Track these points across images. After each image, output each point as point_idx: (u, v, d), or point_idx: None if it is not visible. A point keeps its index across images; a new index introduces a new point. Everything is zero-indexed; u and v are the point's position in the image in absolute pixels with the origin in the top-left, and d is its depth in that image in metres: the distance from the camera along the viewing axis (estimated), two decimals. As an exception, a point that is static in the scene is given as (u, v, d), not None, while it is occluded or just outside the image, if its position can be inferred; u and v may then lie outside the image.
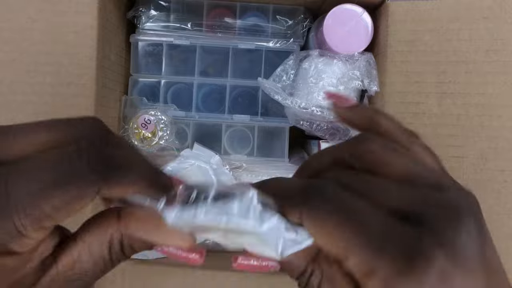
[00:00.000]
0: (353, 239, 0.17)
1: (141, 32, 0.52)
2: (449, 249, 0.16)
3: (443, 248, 0.16)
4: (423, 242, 0.16)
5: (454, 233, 0.17)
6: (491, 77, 0.43)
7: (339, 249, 0.18)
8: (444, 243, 0.16)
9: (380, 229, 0.17)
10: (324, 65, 0.47)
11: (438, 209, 0.17)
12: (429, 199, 0.18)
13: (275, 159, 0.53)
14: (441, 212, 0.17)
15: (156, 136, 0.49)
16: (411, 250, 0.16)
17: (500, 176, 0.42)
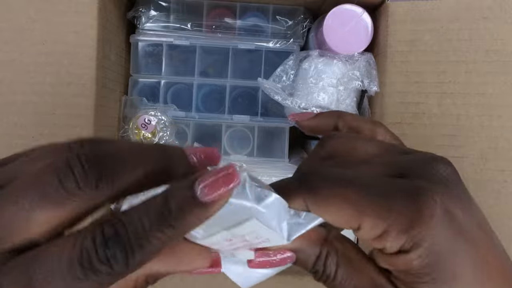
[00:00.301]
0: (361, 205, 0.18)
1: (141, 32, 0.52)
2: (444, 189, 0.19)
3: (439, 190, 0.18)
4: (422, 191, 0.18)
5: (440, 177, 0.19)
6: (491, 77, 0.43)
7: (350, 219, 0.19)
8: (438, 186, 0.19)
9: (382, 189, 0.19)
10: (324, 66, 0.47)
11: (417, 163, 0.20)
12: (406, 160, 0.21)
13: (275, 159, 0.53)
14: (420, 165, 0.20)
15: (156, 137, 0.49)
16: (415, 200, 0.18)
17: (500, 176, 0.42)
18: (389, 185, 0.19)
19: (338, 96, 0.46)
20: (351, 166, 0.21)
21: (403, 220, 0.18)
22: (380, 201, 0.18)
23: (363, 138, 0.23)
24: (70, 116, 0.43)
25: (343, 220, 0.19)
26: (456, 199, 0.19)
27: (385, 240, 0.18)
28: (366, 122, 0.27)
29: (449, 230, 0.18)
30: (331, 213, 0.19)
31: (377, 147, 0.22)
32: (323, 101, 0.47)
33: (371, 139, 0.24)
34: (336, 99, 0.46)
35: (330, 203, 0.19)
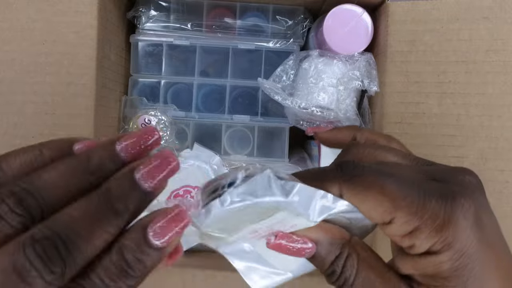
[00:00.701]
0: (398, 197, 0.19)
1: (141, 32, 0.52)
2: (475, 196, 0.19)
3: (471, 197, 0.19)
4: (456, 194, 0.19)
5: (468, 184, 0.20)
6: (491, 77, 0.43)
7: (385, 212, 0.19)
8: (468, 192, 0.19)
9: (419, 187, 0.19)
10: (324, 65, 0.47)
11: (445, 172, 0.21)
12: (436, 168, 0.21)
13: (275, 159, 0.53)
14: (448, 173, 0.21)
15: (156, 136, 0.49)
16: (450, 202, 0.19)
17: (500, 176, 0.42)
18: (425, 185, 0.19)
19: (338, 96, 0.46)
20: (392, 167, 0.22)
21: (437, 219, 0.18)
22: (416, 198, 0.19)
23: (389, 149, 0.24)
24: (70, 116, 0.43)
25: (377, 212, 0.19)
26: (484, 207, 0.20)
27: (415, 237, 0.19)
28: (382, 136, 0.27)
29: (479, 236, 0.18)
30: (367, 203, 0.19)
31: (402, 157, 0.23)
32: (323, 101, 0.47)
33: (396, 150, 0.24)
34: (336, 99, 0.46)
35: (368, 193, 0.19)
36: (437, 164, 0.22)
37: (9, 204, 0.15)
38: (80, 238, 0.15)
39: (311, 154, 0.53)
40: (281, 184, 0.19)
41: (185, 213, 0.17)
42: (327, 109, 0.46)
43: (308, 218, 0.20)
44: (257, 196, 0.19)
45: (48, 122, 0.43)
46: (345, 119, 0.46)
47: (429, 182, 0.20)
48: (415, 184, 0.19)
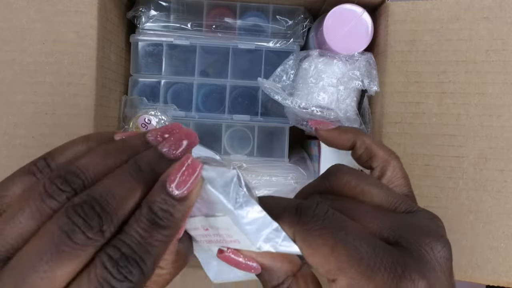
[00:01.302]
0: (346, 261, 0.18)
1: (141, 32, 0.52)
2: (430, 274, 0.18)
3: (424, 274, 0.18)
4: (407, 267, 0.18)
5: (431, 257, 0.19)
6: (491, 77, 0.43)
7: (330, 271, 0.19)
8: (425, 269, 0.18)
9: (370, 251, 0.18)
10: (324, 65, 0.47)
11: (415, 234, 0.20)
12: (406, 226, 0.20)
13: (275, 159, 0.53)
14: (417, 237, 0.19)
15: (156, 136, 0.49)
16: (397, 278, 0.18)
17: (500, 176, 0.42)
18: (379, 252, 0.19)
19: (338, 96, 0.46)
20: (351, 214, 0.21)
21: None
22: (363, 268, 0.18)
23: (372, 184, 0.23)
24: (70, 116, 0.43)
25: (323, 268, 0.19)
26: (439, 286, 0.19)
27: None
28: (382, 150, 0.26)
29: None
30: (315, 257, 0.19)
31: (384, 197, 0.22)
32: (323, 101, 0.47)
33: (380, 186, 0.23)
34: (336, 99, 0.46)
35: (318, 248, 0.19)
36: (417, 213, 0.21)
37: (56, 184, 0.18)
38: (113, 197, 0.18)
39: (311, 154, 0.53)
40: (240, 193, 0.19)
41: (196, 161, 0.19)
42: (327, 109, 0.46)
43: (252, 244, 0.20)
44: (213, 186, 0.19)
45: (48, 122, 0.43)
46: (345, 119, 0.46)
47: (386, 248, 0.19)
48: (370, 250, 0.19)
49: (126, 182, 0.18)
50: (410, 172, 0.44)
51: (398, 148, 0.44)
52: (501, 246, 0.42)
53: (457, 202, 0.43)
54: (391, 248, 0.19)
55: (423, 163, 0.44)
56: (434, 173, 0.43)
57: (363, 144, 0.27)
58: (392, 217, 0.21)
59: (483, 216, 0.42)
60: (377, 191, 0.22)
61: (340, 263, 0.18)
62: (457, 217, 0.43)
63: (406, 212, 0.22)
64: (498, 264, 0.42)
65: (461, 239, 0.42)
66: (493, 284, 0.42)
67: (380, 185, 0.23)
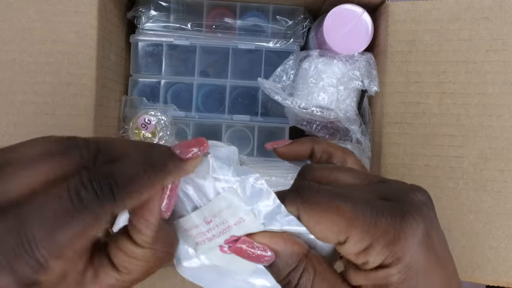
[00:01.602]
0: (352, 216, 0.20)
1: (141, 32, 0.52)
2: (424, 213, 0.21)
3: (420, 213, 0.20)
4: (406, 211, 0.20)
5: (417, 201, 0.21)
6: (491, 77, 0.43)
7: (340, 232, 0.20)
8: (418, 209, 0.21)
9: (371, 206, 0.20)
10: (324, 65, 0.47)
11: (397, 190, 0.22)
12: (387, 187, 0.23)
13: (275, 159, 0.53)
14: (399, 192, 0.22)
15: (156, 137, 0.49)
16: (400, 219, 0.20)
17: (500, 176, 0.42)
18: (376, 204, 0.21)
19: (338, 96, 0.46)
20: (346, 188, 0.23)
21: (387, 236, 0.20)
22: (369, 217, 0.20)
23: (342, 169, 0.25)
24: (70, 116, 0.43)
25: (333, 232, 0.20)
26: (432, 223, 0.21)
27: (369, 254, 0.20)
28: (338, 149, 0.29)
29: (426, 250, 0.20)
30: (322, 224, 0.21)
31: (356, 177, 0.24)
32: (323, 101, 0.47)
33: (350, 169, 0.25)
34: (336, 99, 0.46)
35: (323, 214, 0.20)
36: (389, 181, 0.23)
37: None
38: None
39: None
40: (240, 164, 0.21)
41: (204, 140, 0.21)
42: (327, 109, 0.46)
43: (256, 219, 0.21)
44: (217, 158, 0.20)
45: (48, 122, 0.43)
46: (345, 119, 0.46)
47: (380, 202, 0.21)
48: (368, 204, 0.20)
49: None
50: (410, 172, 0.44)
51: (398, 148, 0.44)
52: (501, 246, 0.42)
53: (457, 202, 0.43)
54: (385, 201, 0.21)
55: (423, 163, 0.44)
56: (434, 173, 0.43)
57: (319, 148, 0.29)
58: (371, 186, 0.23)
59: (483, 216, 0.42)
60: (348, 173, 0.24)
61: (347, 219, 0.20)
62: (457, 217, 0.43)
63: (379, 182, 0.24)
64: (498, 264, 0.42)
65: (461, 239, 0.42)
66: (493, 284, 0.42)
67: (349, 169, 0.25)
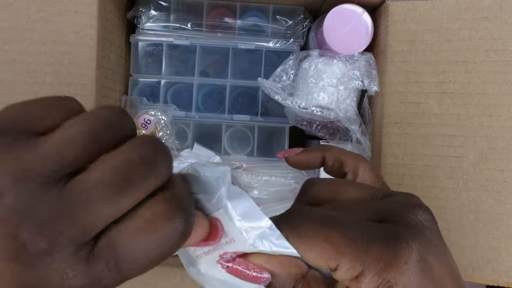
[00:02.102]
0: (341, 243, 0.19)
1: (141, 32, 0.52)
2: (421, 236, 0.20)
3: (416, 237, 0.19)
4: (399, 236, 0.19)
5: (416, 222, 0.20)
6: (491, 77, 0.43)
7: (330, 259, 0.19)
8: (415, 232, 0.20)
9: (361, 231, 0.19)
10: (324, 65, 0.47)
11: (396, 210, 0.21)
12: (386, 205, 0.22)
13: (275, 159, 0.53)
14: (399, 211, 0.21)
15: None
16: (392, 245, 0.19)
17: (500, 176, 0.42)
18: (369, 228, 0.20)
19: (338, 96, 0.46)
20: (335, 210, 0.22)
21: (379, 263, 0.19)
22: (359, 244, 0.19)
23: (345, 183, 0.24)
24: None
25: (323, 259, 0.20)
26: (431, 246, 0.20)
27: (360, 281, 0.19)
28: (350, 156, 0.28)
29: (422, 277, 0.19)
30: (312, 252, 0.20)
31: (359, 191, 0.23)
32: (323, 101, 0.47)
33: (353, 183, 0.25)
34: (336, 99, 0.46)
35: (312, 242, 0.20)
36: (393, 196, 0.23)
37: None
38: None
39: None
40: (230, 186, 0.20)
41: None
42: (327, 109, 0.46)
43: (245, 240, 0.20)
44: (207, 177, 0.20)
45: (48, 122, 0.43)
46: (345, 119, 0.46)
47: (374, 225, 0.20)
48: (360, 229, 0.20)
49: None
50: (410, 172, 0.44)
51: (398, 148, 0.44)
52: (501, 246, 0.42)
53: (457, 202, 0.43)
54: (380, 224, 0.20)
55: (423, 163, 0.44)
56: (434, 173, 0.43)
57: (331, 156, 0.29)
58: (370, 204, 0.22)
59: (483, 216, 0.42)
60: (351, 188, 0.24)
61: (336, 247, 0.19)
62: (457, 217, 0.43)
63: (383, 197, 0.23)
64: (498, 264, 0.42)
65: (461, 239, 0.42)
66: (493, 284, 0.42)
67: (352, 183, 0.25)
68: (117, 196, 0.16)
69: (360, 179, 0.27)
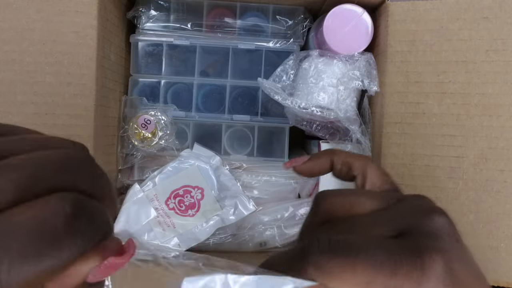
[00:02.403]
0: (370, 274, 0.19)
1: (141, 32, 0.52)
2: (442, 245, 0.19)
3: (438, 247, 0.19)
4: (421, 249, 0.19)
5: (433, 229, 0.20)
6: (491, 77, 0.43)
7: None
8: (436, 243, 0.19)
9: (386, 254, 0.19)
10: (324, 65, 0.47)
11: (412, 218, 0.21)
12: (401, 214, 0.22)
13: (275, 159, 0.53)
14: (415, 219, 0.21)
15: (156, 137, 0.49)
16: (418, 260, 0.19)
17: (500, 176, 0.42)
18: (392, 249, 0.19)
19: (338, 96, 0.46)
20: (352, 230, 0.22)
21: (409, 282, 0.19)
22: (386, 269, 0.19)
23: (358, 194, 0.24)
24: (70, 116, 0.43)
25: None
26: (454, 253, 0.20)
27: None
28: (358, 159, 0.28)
29: (452, 286, 0.19)
30: (337, 284, 0.20)
31: (373, 200, 0.23)
32: (323, 101, 0.47)
33: (365, 192, 0.25)
34: (336, 99, 0.46)
35: (340, 279, 0.19)
36: (406, 200, 0.22)
37: None
38: None
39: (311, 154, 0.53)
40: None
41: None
42: (327, 109, 0.46)
43: None
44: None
45: (48, 122, 0.43)
46: (345, 119, 0.46)
47: (396, 243, 0.20)
48: (384, 252, 0.19)
49: None
50: (410, 172, 0.44)
51: (398, 148, 0.44)
52: (501, 246, 0.42)
53: (457, 203, 0.43)
54: (400, 241, 0.20)
55: (423, 163, 0.44)
56: (434, 173, 0.43)
57: (338, 160, 0.29)
58: (386, 214, 0.22)
59: (483, 216, 0.42)
60: (365, 198, 0.23)
61: (365, 277, 0.19)
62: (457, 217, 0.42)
63: (397, 203, 0.23)
64: (498, 264, 0.42)
65: (461, 239, 0.42)
66: (493, 284, 0.42)
67: (364, 192, 0.25)
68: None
69: (369, 181, 0.27)
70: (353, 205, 0.23)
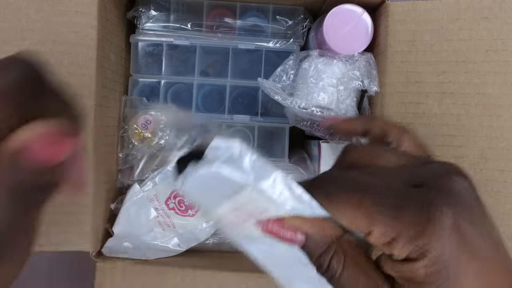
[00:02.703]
0: (373, 213, 0.19)
1: (141, 32, 0.52)
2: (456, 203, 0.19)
3: (451, 203, 0.19)
4: (433, 202, 0.19)
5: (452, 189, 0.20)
6: (491, 77, 0.43)
7: (362, 225, 0.20)
8: (450, 199, 0.19)
9: (395, 198, 0.19)
10: (324, 65, 0.47)
11: (435, 176, 0.21)
12: (424, 170, 0.21)
13: (275, 159, 0.53)
14: (438, 177, 0.20)
15: (156, 136, 0.49)
16: (426, 210, 0.19)
17: (500, 176, 0.42)
18: (402, 195, 0.20)
19: (338, 96, 0.46)
20: (370, 175, 0.22)
21: (412, 229, 0.19)
22: (391, 210, 0.19)
23: (384, 149, 0.24)
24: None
25: (355, 225, 0.20)
26: (468, 214, 0.19)
27: (393, 247, 0.19)
28: (393, 127, 0.28)
29: (456, 244, 0.19)
30: (345, 218, 0.20)
31: (398, 158, 0.23)
32: (323, 101, 0.47)
33: (393, 150, 0.25)
34: (336, 99, 0.46)
35: (344, 209, 0.20)
36: (434, 163, 0.22)
37: None
38: None
39: (311, 154, 0.53)
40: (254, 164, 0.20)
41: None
42: (327, 109, 0.46)
43: (279, 208, 0.21)
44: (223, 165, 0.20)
45: (48, 122, 0.43)
46: (345, 119, 0.46)
47: (408, 190, 0.20)
48: (393, 195, 0.20)
49: None
50: (410, 172, 0.44)
51: (398, 148, 0.44)
52: (501, 246, 0.42)
53: (457, 202, 0.43)
54: (414, 189, 0.20)
55: (423, 163, 0.44)
56: (434, 173, 0.43)
57: (376, 125, 0.28)
58: (409, 170, 0.22)
59: (483, 216, 0.42)
60: (390, 154, 0.23)
61: (369, 214, 0.19)
62: (457, 217, 0.43)
63: (423, 165, 0.22)
64: (498, 264, 0.42)
65: (461, 239, 0.42)
66: (493, 284, 0.42)
67: (391, 150, 0.25)
68: None
69: (404, 148, 0.27)
70: (379, 156, 0.23)
